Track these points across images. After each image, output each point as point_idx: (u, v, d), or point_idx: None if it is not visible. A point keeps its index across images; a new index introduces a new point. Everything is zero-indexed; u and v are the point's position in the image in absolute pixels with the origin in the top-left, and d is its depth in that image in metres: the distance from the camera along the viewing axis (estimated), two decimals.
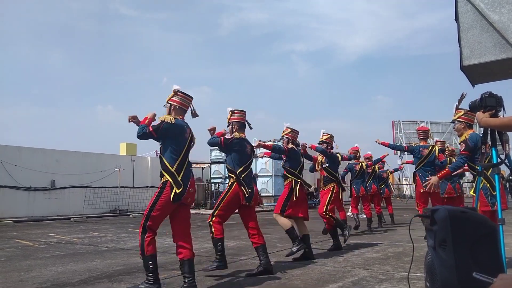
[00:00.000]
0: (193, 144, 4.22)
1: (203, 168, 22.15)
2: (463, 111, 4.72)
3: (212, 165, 22.11)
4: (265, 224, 11.53)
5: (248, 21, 74.74)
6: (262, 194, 20.08)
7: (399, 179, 43.80)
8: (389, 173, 12.12)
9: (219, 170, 22.10)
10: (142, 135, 3.87)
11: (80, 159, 17.05)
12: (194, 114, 4.38)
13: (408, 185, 40.21)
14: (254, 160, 22.00)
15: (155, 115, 4.06)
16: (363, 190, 9.73)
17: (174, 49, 74.50)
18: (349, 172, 9.93)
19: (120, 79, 73.12)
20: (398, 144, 7.46)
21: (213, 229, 4.78)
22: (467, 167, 4.95)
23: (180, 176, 3.90)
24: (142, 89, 74.17)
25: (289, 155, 5.88)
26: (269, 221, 12.13)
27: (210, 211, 5.32)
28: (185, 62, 77.35)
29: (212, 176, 22.11)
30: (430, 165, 6.98)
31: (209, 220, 4.88)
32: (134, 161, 20.10)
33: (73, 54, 67.82)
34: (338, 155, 7.32)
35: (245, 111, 5.21)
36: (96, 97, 70.25)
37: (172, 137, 3.99)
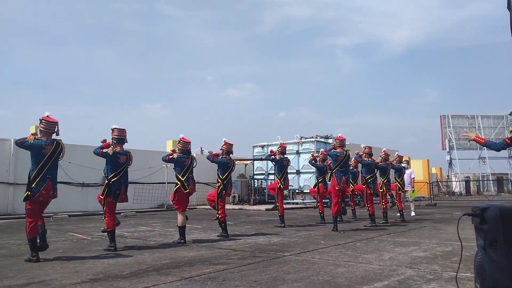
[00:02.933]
0: (62, 156, 5.86)
1: (246, 165, 22.32)
2: None
3: (255, 162, 22.26)
4: (308, 220, 11.51)
5: (290, 16, 73.94)
6: (304, 191, 19.97)
7: (447, 176, 42.14)
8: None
9: (262, 166, 22.21)
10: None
11: None
12: (57, 133, 5.86)
13: (458, 182, 38.56)
14: (297, 157, 21.64)
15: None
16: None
17: (217, 46, 75.24)
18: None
19: (167, 77, 74.86)
20: (496, 141, 5.36)
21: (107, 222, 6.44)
22: None
23: (35, 182, 5.51)
24: (188, 87, 75.65)
25: (175, 162, 7.34)
26: (312, 218, 12.08)
27: (254, 207, 5.58)
28: (228, 59, 77.95)
29: (255, 173, 22.27)
30: (344, 166, 8.87)
31: (104, 218, 6.53)
32: None
33: (122, 54, 70.20)
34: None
35: (124, 129, 6.73)
36: (145, 95, 72.45)
37: (33, 152, 5.61)
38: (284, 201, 10.29)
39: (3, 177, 14.36)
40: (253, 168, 22.46)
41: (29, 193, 5.51)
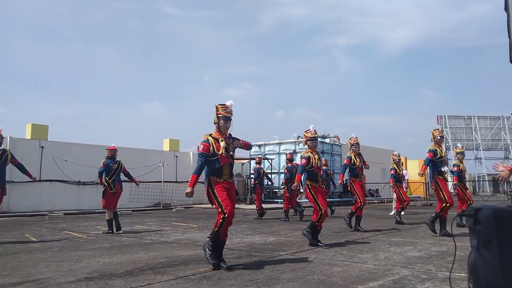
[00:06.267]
0: (8, 162, 7.44)
1: (242, 164, 22.32)
2: None
3: (252, 161, 22.25)
4: (304, 219, 11.50)
5: (289, 16, 73.87)
6: (301, 190, 19.95)
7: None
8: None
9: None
10: None
11: (125, 155, 17.39)
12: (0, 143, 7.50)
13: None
14: (294, 156, 21.28)
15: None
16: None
17: (216, 46, 75.09)
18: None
19: (165, 76, 74.78)
20: None
21: None
22: None
23: None
24: (186, 86, 75.63)
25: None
26: (308, 217, 12.10)
27: (250, 206, 5.53)
28: (227, 58, 77.81)
29: (251, 172, 22.26)
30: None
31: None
32: (177, 156, 20.59)
33: (121, 53, 70.04)
34: None
35: None
36: (143, 94, 72.34)
37: None
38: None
39: None
40: (250, 167, 22.45)
41: None
